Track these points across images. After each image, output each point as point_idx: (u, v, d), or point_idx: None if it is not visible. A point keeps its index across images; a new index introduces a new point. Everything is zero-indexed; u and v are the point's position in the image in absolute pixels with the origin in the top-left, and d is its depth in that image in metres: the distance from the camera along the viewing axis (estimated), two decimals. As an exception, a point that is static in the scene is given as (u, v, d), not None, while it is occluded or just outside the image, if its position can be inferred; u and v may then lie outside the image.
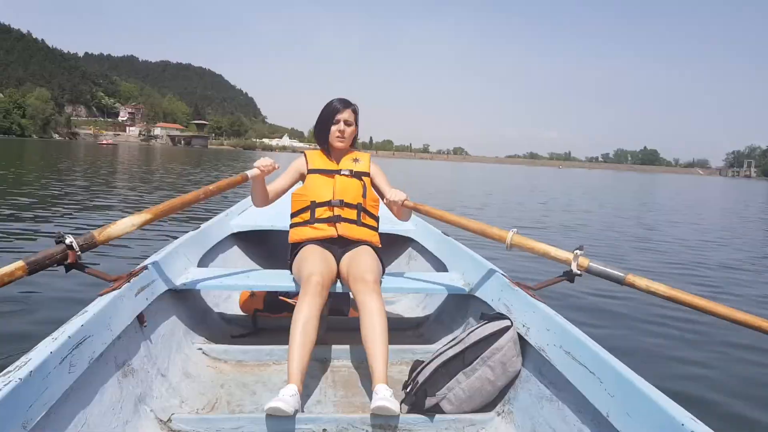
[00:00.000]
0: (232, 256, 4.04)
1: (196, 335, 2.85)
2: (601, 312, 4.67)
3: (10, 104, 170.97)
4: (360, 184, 2.90)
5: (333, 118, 2.89)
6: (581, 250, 2.33)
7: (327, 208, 2.82)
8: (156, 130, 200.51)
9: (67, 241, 1.95)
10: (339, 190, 2.84)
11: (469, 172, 57.75)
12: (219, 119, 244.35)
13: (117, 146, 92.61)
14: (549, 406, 2.03)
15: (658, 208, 19.26)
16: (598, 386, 1.73)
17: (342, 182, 2.87)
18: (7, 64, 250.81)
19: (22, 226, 7.74)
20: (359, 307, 2.40)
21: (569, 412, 1.92)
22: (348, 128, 2.91)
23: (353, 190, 2.87)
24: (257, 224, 4.22)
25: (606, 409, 1.66)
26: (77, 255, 1.99)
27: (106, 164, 26.61)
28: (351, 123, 2.93)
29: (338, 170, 2.91)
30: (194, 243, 3.31)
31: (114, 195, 12.02)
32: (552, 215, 14.14)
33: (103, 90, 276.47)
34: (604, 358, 1.75)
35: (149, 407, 2.05)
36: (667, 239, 10.52)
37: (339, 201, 2.82)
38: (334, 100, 2.94)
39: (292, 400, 2.00)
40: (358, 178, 2.91)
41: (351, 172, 2.91)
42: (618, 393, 1.63)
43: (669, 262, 7.86)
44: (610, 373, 1.69)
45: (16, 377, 1.39)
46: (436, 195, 18.89)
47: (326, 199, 2.82)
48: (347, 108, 2.92)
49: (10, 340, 3.42)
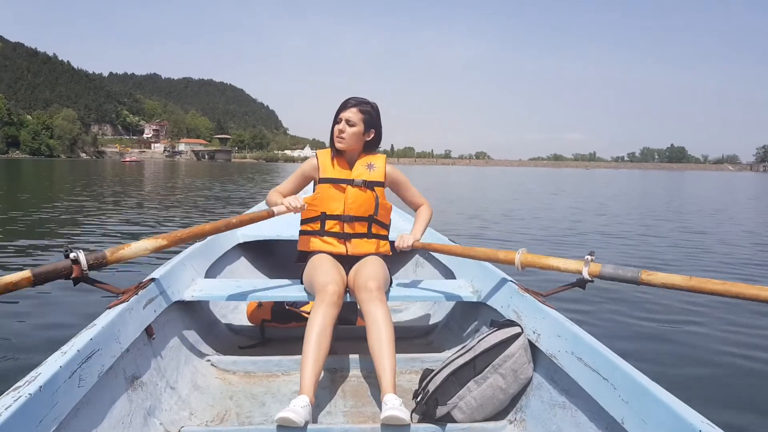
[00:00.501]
0: (238, 267, 4.05)
1: (205, 347, 2.85)
2: (612, 316, 4.60)
3: (38, 126, 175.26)
4: (372, 196, 2.77)
5: (336, 117, 2.74)
6: (592, 255, 2.29)
7: (337, 222, 2.76)
8: (180, 145, 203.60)
9: (72, 256, 1.95)
10: (350, 205, 2.74)
11: (493, 176, 56.84)
12: (241, 133, 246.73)
13: (141, 163, 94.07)
14: (562, 413, 2.00)
15: (698, 207, 18.52)
16: (611, 392, 1.70)
17: (353, 195, 2.74)
18: (34, 87, 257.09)
19: (45, 241, 7.93)
20: (364, 316, 2.37)
21: (583, 419, 1.89)
22: (350, 128, 2.70)
23: (365, 204, 2.76)
24: (263, 234, 4.21)
25: (621, 415, 1.63)
26: (82, 270, 1.98)
27: (129, 182, 27.00)
28: (354, 123, 2.70)
29: (350, 180, 2.75)
30: (201, 254, 3.30)
31: (135, 214, 12.10)
32: (585, 220, 13.22)
33: (127, 108, 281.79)
34: (617, 364, 1.72)
35: (159, 420, 2.04)
36: (721, 237, 10.16)
37: (350, 217, 2.75)
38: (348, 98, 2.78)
39: (303, 411, 1.96)
40: (371, 189, 2.77)
41: (364, 183, 2.75)
42: (632, 399, 1.60)
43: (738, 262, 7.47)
44: (624, 378, 1.66)
45: (26, 392, 1.39)
46: (457, 202, 18.17)
47: (337, 213, 2.74)
48: (352, 106, 2.71)
49: (19, 353, 3.48)
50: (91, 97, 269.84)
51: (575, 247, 8.69)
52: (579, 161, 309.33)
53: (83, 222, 10.34)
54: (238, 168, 71.76)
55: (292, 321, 3.18)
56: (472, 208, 16.13)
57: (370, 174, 2.76)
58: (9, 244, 7.56)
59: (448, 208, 15.22)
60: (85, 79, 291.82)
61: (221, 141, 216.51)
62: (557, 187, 31.85)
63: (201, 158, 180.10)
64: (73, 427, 1.60)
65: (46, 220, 10.38)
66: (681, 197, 24.09)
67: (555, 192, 26.25)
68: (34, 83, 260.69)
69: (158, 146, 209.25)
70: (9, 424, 1.28)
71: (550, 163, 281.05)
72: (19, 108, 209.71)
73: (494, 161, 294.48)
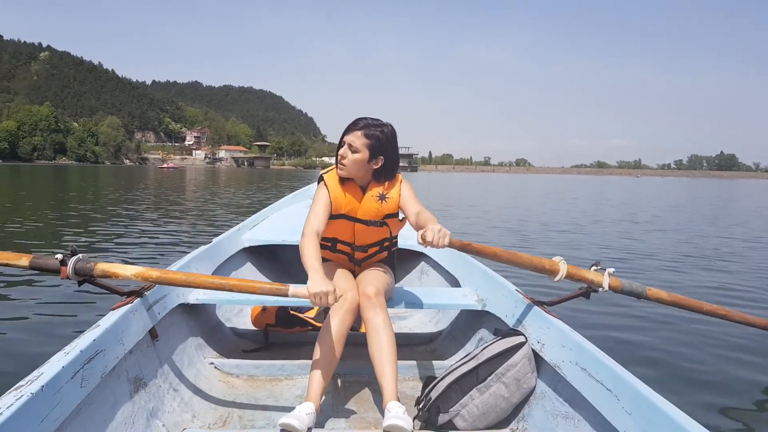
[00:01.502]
0: (243, 271, 4.05)
1: (208, 350, 2.87)
2: (616, 328, 4.52)
3: (84, 133, 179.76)
4: (385, 230, 2.59)
5: (341, 139, 2.48)
6: (597, 266, 2.30)
7: (348, 247, 2.64)
8: (220, 152, 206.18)
9: (58, 257, 1.99)
10: (360, 238, 2.60)
11: (535, 184, 55.23)
12: (280, 140, 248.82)
13: (177, 170, 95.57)
14: (564, 423, 1.99)
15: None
16: (615, 403, 1.69)
17: (364, 232, 2.57)
18: (80, 95, 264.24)
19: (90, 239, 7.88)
20: (365, 324, 2.33)
21: (585, 429, 1.88)
22: (351, 155, 2.41)
23: (376, 235, 2.60)
24: (269, 239, 4.19)
25: (623, 427, 1.62)
26: (69, 276, 2.00)
27: (168, 188, 27.19)
28: (356, 149, 2.40)
29: (363, 221, 2.52)
30: (206, 257, 3.30)
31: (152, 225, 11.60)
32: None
33: (170, 116, 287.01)
34: (621, 375, 1.71)
35: (161, 422, 2.06)
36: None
37: (361, 247, 2.62)
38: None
39: (307, 418, 1.97)
40: (384, 225, 2.56)
41: (377, 223, 2.53)
42: (635, 411, 1.59)
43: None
44: (628, 390, 1.65)
45: (28, 392, 1.39)
46: (496, 212, 17.31)
47: (347, 241, 2.61)
48: (357, 129, 2.41)
49: (22, 353, 3.49)
50: (134, 105, 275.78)
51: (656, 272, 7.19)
52: (623, 168, 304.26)
53: (100, 227, 10.41)
54: (277, 174, 72.13)
55: (296, 326, 3.20)
56: (512, 218, 15.11)
57: (381, 207, 2.51)
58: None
59: (484, 219, 14.44)
60: (129, 87, 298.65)
61: (260, 148, 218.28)
62: (605, 196, 29.55)
63: (240, 165, 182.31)
64: (75, 427, 1.61)
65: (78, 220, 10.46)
66: (744, 209, 21.88)
67: (613, 203, 24.17)
68: (80, 91, 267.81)
69: (199, 153, 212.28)
70: (10, 423, 1.29)
71: (594, 170, 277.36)
72: (66, 116, 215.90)
73: (535, 168, 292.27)
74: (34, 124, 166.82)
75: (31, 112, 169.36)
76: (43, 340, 3.70)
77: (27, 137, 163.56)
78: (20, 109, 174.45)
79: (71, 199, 17.74)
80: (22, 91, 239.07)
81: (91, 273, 2.03)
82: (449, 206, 19.15)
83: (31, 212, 12.73)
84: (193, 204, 17.33)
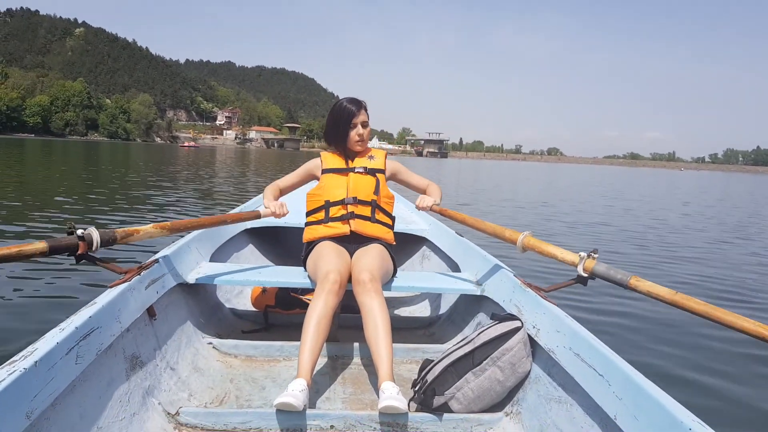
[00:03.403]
0: (244, 252, 4.04)
1: (207, 330, 2.86)
2: (611, 315, 4.62)
3: (116, 109, 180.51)
4: (374, 180, 2.88)
5: (350, 123, 2.84)
6: (596, 253, 2.28)
7: (341, 206, 2.82)
8: (251, 133, 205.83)
9: (78, 233, 1.97)
10: (352, 188, 2.84)
11: (568, 174, 53.26)
12: (310, 122, 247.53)
13: (199, 149, 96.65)
14: (557, 407, 2.02)
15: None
16: (606, 388, 1.72)
17: (355, 179, 2.86)
18: (114, 72, 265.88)
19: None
20: (360, 306, 2.39)
21: (578, 413, 1.91)
22: (365, 130, 2.89)
23: (367, 187, 2.85)
24: (270, 221, 4.08)
25: (614, 411, 1.65)
26: (88, 247, 1.98)
27: (189, 166, 27.42)
28: (367, 123, 2.89)
29: (352, 168, 2.89)
30: (207, 238, 3.29)
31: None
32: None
33: (202, 95, 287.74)
34: (613, 361, 1.74)
35: (157, 400, 2.07)
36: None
37: (352, 198, 2.82)
38: (343, 101, 2.89)
39: (301, 395, 2.01)
40: (372, 175, 2.89)
41: (365, 169, 2.89)
42: (626, 396, 1.62)
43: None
44: (619, 375, 1.68)
45: (21, 367, 1.39)
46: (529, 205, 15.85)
47: (340, 198, 2.83)
48: (361, 108, 2.86)
49: (18, 329, 3.54)
50: (167, 83, 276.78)
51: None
52: (657, 161, 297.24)
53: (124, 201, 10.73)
54: (306, 156, 70.41)
55: (295, 307, 3.21)
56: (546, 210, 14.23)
57: (371, 162, 2.93)
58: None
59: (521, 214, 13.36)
60: (162, 65, 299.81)
61: (291, 130, 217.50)
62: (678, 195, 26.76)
63: (270, 146, 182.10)
64: (69, 404, 1.61)
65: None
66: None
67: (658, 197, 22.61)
68: (113, 68, 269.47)
69: (230, 133, 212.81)
70: (3, 397, 1.30)
71: (627, 162, 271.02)
72: (99, 92, 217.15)
73: (567, 158, 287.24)
74: (67, 100, 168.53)
75: (64, 88, 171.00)
76: (38, 319, 3.73)
77: (60, 112, 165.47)
78: (54, 84, 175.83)
79: (90, 176, 17.88)
80: (56, 67, 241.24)
81: (114, 239, 2.06)
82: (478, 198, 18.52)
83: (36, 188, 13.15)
84: (206, 184, 17.39)
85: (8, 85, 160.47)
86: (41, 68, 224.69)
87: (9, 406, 1.32)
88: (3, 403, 1.29)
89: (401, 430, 2.06)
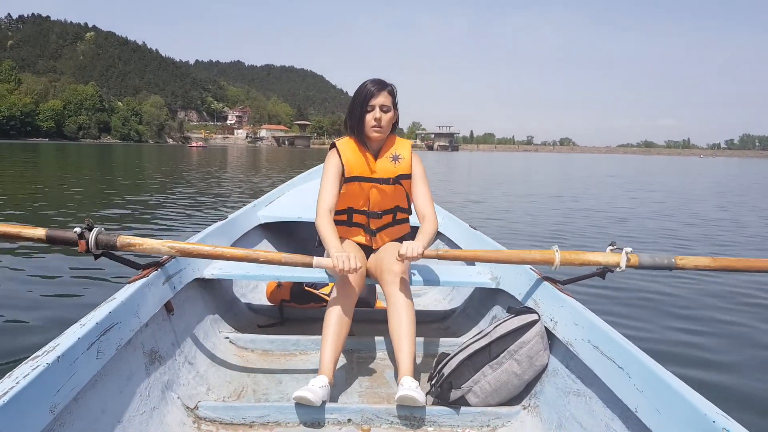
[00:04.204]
0: (259, 247, 4.06)
1: (223, 324, 2.90)
2: (630, 307, 4.52)
3: (128, 112, 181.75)
4: (399, 190, 2.65)
5: (367, 104, 2.50)
6: (613, 245, 2.29)
7: (364, 216, 2.68)
8: (261, 131, 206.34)
9: (77, 230, 1.99)
10: (375, 202, 2.65)
11: (584, 165, 52.48)
12: (320, 119, 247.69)
13: (206, 148, 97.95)
14: (576, 400, 2.00)
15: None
16: (626, 381, 1.70)
17: (379, 194, 2.63)
18: (125, 74, 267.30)
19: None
20: (387, 299, 2.36)
21: (597, 406, 1.89)
22: (385, 115, 2.51)
23: (391, 198, 2.66)
24: (284, 215, 4.21)
25: (635, 404, 1.63)
26: (89, 248, 2.00)
27: (196, 167, 27.38)
28: (389, 108, 2.52)
29: (377, 179, 2.59)
30: (222, 233, 3.32)
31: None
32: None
33: (212, 95, 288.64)
34: (633, 353, 1.72)
35: (176, 394, 2.09)
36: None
37: (376, 213, 2.66)
38: (367, 81, 2.53)
39: (321, 391, 2.01)
40: (397, 184, 2.62)
41: (390, 181, 2.60)
42: (647, 388, 1.60)
43: None
44: (639, 368, 1.66)
45: (44, 362, 1.41)
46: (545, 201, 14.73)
47: (363, 209, 2.66)
48: (383, 90, 2.50)
49: (39, 324, 3.60)
50: (177, 84, 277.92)
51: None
52: (672, 148, 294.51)
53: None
54: (317, 153, 71.15)
55: (310, 302, 3.23)
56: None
57: (395, 167, 2.62)
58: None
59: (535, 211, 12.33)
60: (172, 66, 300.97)
61: (301, 127, 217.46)
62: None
63: (281, 144, 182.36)
64: (91, 398, 1.64)
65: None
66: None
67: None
68: (124, 71, 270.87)
69: (241, 132, 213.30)
70: (27, 392, 1.32)
71: (641, 150, 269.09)
72: (111, 95, 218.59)
73: (580, 148, 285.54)
74: (80, 104, 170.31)
75: (76, 92, 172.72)
76: (59, 314, 3.79)
77: (72, 116, 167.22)
78: (66, 88, 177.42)
79: (101, 178, 18.19)
80: (68, 71, 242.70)
81: (113, 245, 2.05)
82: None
83: (50, 189, 13.22)
84: (213, 182, 17.44)
85: (22, 90, 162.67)
86: (53, 73, 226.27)
87: (33, 401, 1.34)
88: (28, 398, 1.32)
89: (418, 423, 2.06)
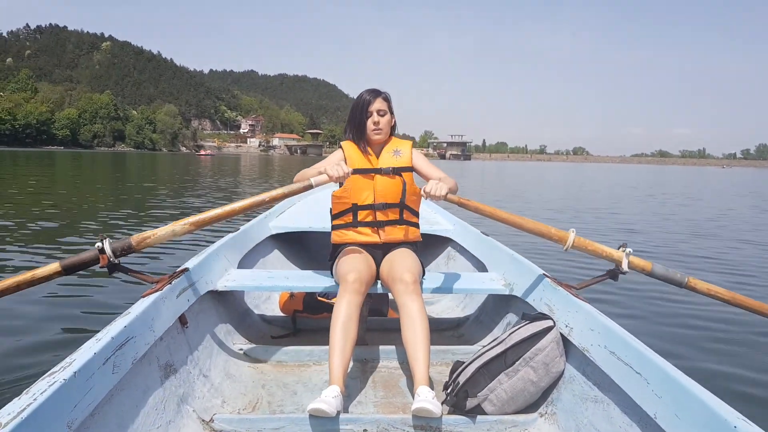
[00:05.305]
0: (271, 258, 4.08)
1: (237, 336, 2.91)
2: (645, 311, 4.52)
3: (142, 120, 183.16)
4: (401, 182, 2.76)
5: (366, 111, 2.73)
6: (623, 247, 2.33)
7: (369, 211, 2.75)
8: (274, 140, 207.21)
9: (98, 245, 2.01)
10: (380, 193, 2.74)
11: (600, 175, 51.68)
12: (333, 128, 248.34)
13: (215, 156, 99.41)
14: (594, 407, 1.99)
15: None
16: (644, 387, 1.69)
17: (383, 183, 2.74)
18: (139, 83, 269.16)
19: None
20: (399, 308, 2.38)
21: (615, 413, 1.87)
22: (383, 118, 2.74)
23: (394, 190, 2.75)
24: (296, 226, 4.23)
25: (653, 410, 1.62)
26: (110, 259, 2.03)
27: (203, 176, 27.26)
28: (385, 112, 2.75)
29: (378, 169, 2.75)
30: (234, 245, 3.33)
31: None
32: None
33: (225, 104, 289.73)
34: (651, 358, 1.71)
35: (192, 407, 2.09)
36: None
37: (381, 204, 2.74)
38: (363, 92, 2.77)
39: (334, 401, 2.01)
40: (399, 175, 2.76)
41: (392, 170, 2.75)
42: (666, 394, 1.58)
43: None
44: (657, 373, 1.65)
45: (61, 378, 1.42)
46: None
47: (368, 202, 2.74)
48: (378, 96, 2.74)
49: (55, 340, 3.58)
50: (191, 93, 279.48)
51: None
52: (687, 158, 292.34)
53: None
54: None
55: (323, 312, 3.20)
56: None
57: (397, 160, 2.78)
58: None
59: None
60: (187, 75, 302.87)
61: (313, 136, 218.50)
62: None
63: (294, 152, 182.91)
64: (107, 413, 1.64)
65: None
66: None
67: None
68: (139, 80, 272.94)
69: (254, 141, 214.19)
70: (44, 408, 1.32)
71: (655, 160, 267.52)
72: (125, 104, 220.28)
73: (593, 157, 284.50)
74: (95, 112, 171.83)
75: (92, 100, 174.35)
76: (74, 330, 3.77)
77: (88, 125, 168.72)
78: (82, 97, 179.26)
79: (113, 188, 18.23)
80: (84, 80, 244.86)
81: (130, 246, 2.06)
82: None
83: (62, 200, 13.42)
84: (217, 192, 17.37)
85: (38, 99, 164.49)
86: (69, 82, 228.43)
87: (51, 417, 1.34)
88: (45, 414, 1.32)
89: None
